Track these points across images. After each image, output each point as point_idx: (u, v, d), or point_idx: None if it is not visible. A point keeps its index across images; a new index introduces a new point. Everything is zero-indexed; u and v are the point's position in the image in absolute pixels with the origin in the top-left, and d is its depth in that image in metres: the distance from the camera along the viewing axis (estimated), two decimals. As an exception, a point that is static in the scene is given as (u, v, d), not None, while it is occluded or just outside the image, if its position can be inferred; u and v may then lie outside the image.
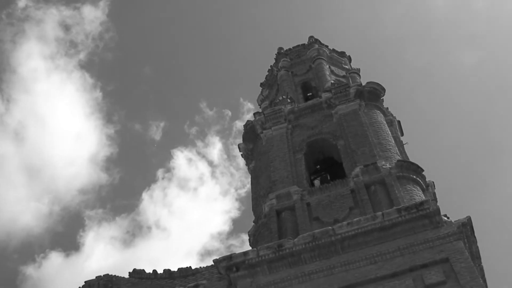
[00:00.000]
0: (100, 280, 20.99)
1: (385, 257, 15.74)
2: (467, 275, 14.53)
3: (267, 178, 21.55)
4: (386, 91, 24.38)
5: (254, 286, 16.36)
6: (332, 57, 30.87)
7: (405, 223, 16.19)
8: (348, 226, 16.51)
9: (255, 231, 19.73)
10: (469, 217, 16.43)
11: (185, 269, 19.63)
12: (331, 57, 30.74)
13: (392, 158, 20.33)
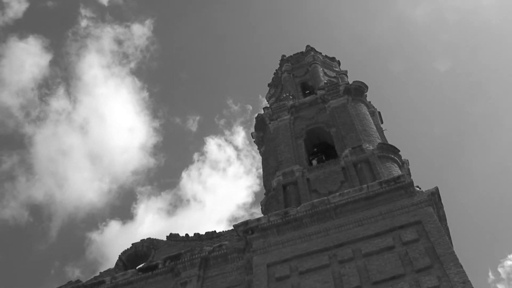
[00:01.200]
0: (144, 243, 21.21)
1: (370, 221, 15.77)
2: (435, 234, 14.56)
3: (275, 159, 21.66)
4: (368, 88, 24.40)
5: (265, 245, 16.41)
6: (325, 61, 30.86)
7: (385, 193, 16.22)
8: (340, 196, 16.59)
9: (266, 201, 19.75)
10: (436, 187, 16.44)
11: (211, 233, 19.79)
12: (324, 62, 30.72)
13: (374, 141, 20.35)
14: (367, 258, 14.68)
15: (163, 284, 18.10)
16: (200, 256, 17.85)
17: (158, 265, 18.59)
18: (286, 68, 30.78)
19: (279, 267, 15.47)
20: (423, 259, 13.95)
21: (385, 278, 13.83)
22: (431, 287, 13.06)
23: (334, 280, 14.37)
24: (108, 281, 19.00)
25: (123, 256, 21.04)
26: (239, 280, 16.79)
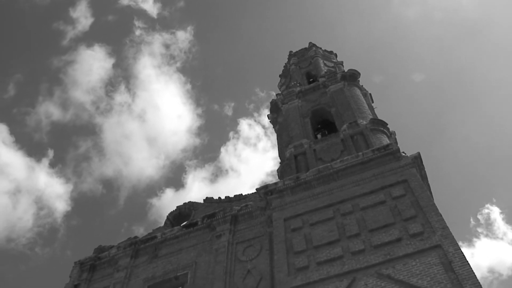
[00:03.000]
0: (186, 205, 21.38)
1: (365, 181, 15.71)
2: (419, 190, 14.47)
3: (287, 135, 21.57)
4: (360, 74, 24.10)
5: (282, 203, 16.45)
6: (324, 54, 30.42)
7: (377, 159, 16.11)
8: (341, 162, 16.51)
9: (281, 169, 19.72)
10: (418, 152, 16.28)
11: (239, 195, 19.85)
12: (324, 55, 30.29)
13: (367, 117, 20.13)
14: (364, 211, 14.66)
15: (202, 237, 18.27)
16: (231, 214, 17.95)
17: (197, 222, 18.75)
18: (293, 61, 30.43)
19: (294, 220, 15.52)
20: (409, 210, 13.89)
21: (379, 226, 13.82)
22: (417, 232, 13.00)
23: (338, 229, 14.39)
24: (159, 236, 19.22)
25: (170, 216, 21.25)
26: (262, 232, 16.88)
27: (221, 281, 15.38)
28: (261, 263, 15.58)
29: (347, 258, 13.21)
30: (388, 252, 12.82)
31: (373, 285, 12.16)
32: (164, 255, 18.49)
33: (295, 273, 13.51)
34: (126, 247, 19.42)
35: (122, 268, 18.70)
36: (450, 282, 11.31)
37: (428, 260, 12.15)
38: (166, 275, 17.34)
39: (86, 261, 20.06)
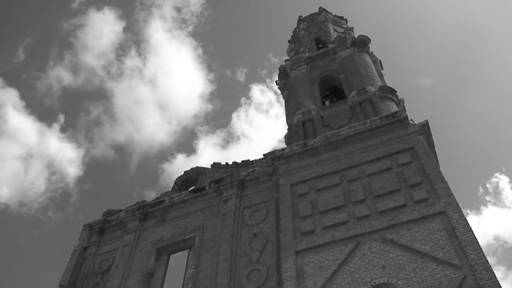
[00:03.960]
0: (193, 170, 21.77)
1: (372, 148, 15.90)
2: (425, 157, 14.68)
3: (295, 101, 21.69)
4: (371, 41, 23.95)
5: (289, 169, 16.74)
6: (334, 20, 30.14)
7: (385, 126, 16.26)
8: (348, 129, 16.69)
9: (289, 135, 19.90)
10: (426, 120, 16.37)
11: (246, 161, 20.18)
12: (334, 20, 30.02)
13: (376, 84, 20.17)
14: (370, 177, 14.93)
15: (209, 201, 18.73)
16: (238, 179, 18.32)
17: (205, 187, 19.16)
18: (302, 26, 30.18)
19: (300, 186, 15.86)
20: (415, 177, 14.14)
21: (384, 192, 14.12)
22: (422, 198, 13.30)
23: (344, 195, 14.73)
24: (167, 200, 19.73)
25: (178, 181, 21.70)
26: (268, 197, 17.28)
27: (227, 244, 15.92)
28: (267, 227, 16.07)
29: (352, 223, 13.61)
30: (393, 218, 13.17)
31: (376, 249, 12.57)
32: (172, 218, 19.04)
33: (300, 237, 13.96)
34: (134, 211, 20.00)
35: (131, 231, 19.31)
36: (452, 248, 11.65)
37: (432, 226, 12.48)
38: (174, 238, 17.93)
39: (95, 224, 20.70)
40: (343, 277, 12.26)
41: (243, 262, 15.28)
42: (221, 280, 14.78)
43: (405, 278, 11.51)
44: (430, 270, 11.42)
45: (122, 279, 17.20)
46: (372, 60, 23.01)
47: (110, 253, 19.15)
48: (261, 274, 14.49)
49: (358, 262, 12.47)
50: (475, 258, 11.16)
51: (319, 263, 12.94)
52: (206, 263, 16.00)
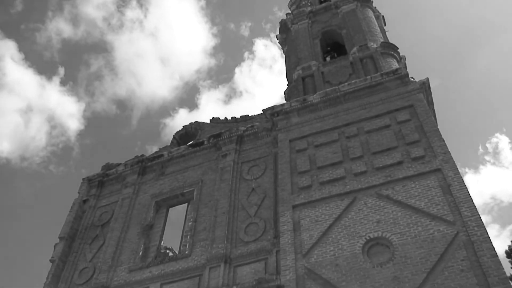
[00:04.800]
0: (192, 125, 21.92)
1: (371, 105, 16.00)
2: (424, 115, 14.82)
3: (295, 56, 21.55)
4: (374, -5, 23.55)
5: (288, 125, 16.89)
6: (338, -28, 29.47)
7: (385, 83, 16.26)
8: (348, 85, 16.72)
9: (289, 91, 19.89)
10: (427, 78, 16.43)
11: (245, 116, 20.28)
12: (337, -27, 29.35)
13: (378, 40, 20.01)
14: (368, 134, 15.14)
15: (208, 156, 18.99)
16: (237, 134, 18.49)
17: (204, 141, 19.36)
18: (305, -21, 29.56)
19: (299, 141, 16.08)
20: (413, 134, 14.35)
21: (382, 149, 14.37)
22: (418, 156, 13.56)
23: (342, 151, 14.99)
24: (166, 154, 19.99)
25: (177, 136, 21.88)
26: (267, 152, 17.54)
27: (226, 198, 16.33)
28: (265, 182, 16.43)
29: (349, 179, 13.94)
30: (389, 174, 13.48)
31: (372, 205, 12.96)
32: (170, 173, 19.37)
33: (298, 192, 14.33)
34: (133, 165, 20.30)
35: (130, 185, 19.69)
36: (447, 204, 12.01)
37: (427, 183, 12.80)
38: (173, 192, 18.32)
39: (94, 177, 21.05)
40: (338, 231, 12.70)
41: (241, 215, 15.73)
42: (219, 233, 15.27)
43: (398, 232, 11.93)
44: (423, 225, 11.82)
45: (122, 231, 17.70)
46: (375, 16, 22.71)
47: (110, 206, 19.60)
48: (258, 227, 14.95)
49: (353, 217, 12.88)
50: (469, 215, 11.51)
51: (315, 217, 13.35)
52: (205, 216, 16.45)
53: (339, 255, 12.09)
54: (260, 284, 12.75)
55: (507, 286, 9.89)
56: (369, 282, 11.20)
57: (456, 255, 10.89)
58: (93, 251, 17.87)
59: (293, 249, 12.74)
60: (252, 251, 14.24)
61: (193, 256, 15.22)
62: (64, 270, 17.53)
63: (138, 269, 15.86)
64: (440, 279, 10.58)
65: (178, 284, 14.67)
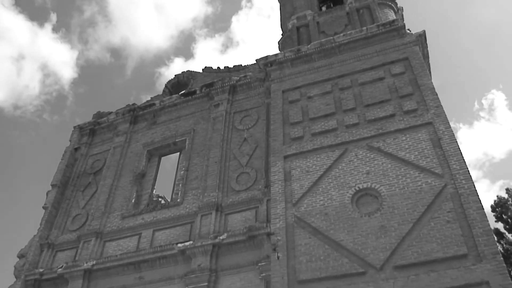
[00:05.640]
0: (184, 74, 21.70)
1: (366, 57, 15.87)
2: (419, 68, 14.74)
3: (290, 5, 20.90)
4: None
5: (281, 75, 16.79)
6: None
7: (381, 34, 16.07)
8: (344, 36, 16.52)
9: (283, 41, 19.58)
10: (424, 30, 16.22)
11: (238, 66, 20.03)
12: None
13: (376, -9, 19.60)
14: (362, 86, 15.12)
15: (200, 105, 18.94)
16: (229, 84, 18.38)
17: (196, 91, 19.26)
18: None
19: (292, 92, 16.06)
20: (407, 88, 14.35)
21: (375, 102, 14.41)
22: (411, 109, 13.63)
23: (334, 103, 15.01)
24: (158, 103, 19.90)
25: (168, 85, 21.70)
26: (260, 103, 17.52)
27: (218, 148, 16.44)
28: (257, 132, 16.51)
29: (341, 131, 14.05)
30: (381, 127, 13.59)
31: (362, 156, 13.14)
32: (162, 122, 19.36)
33: (289, 143, 14.46)
34: (124, 113, 20.23)
35: (121, 133, 19.70)
36: (436, 157, 12.20)
37: (418, 136, 12.95)
38: (165, 141, 18.40)
39: (86, 126, 21.02)
40: (328, 181, 12.94)
41: (233, 165, 15.91)
42: (210, 182, 15.49)
43: (387, 184, 12.18)
44: (412, 177, 12.06)
45: (114, 179, 17.89)
46: (373, -36, 22.08)
47: (102, 154, 19.70)
48: (249, 177, 15.17)
49: (344, 168, 13.08)
50: (457, 168, 11.73)
51: (306, 167, 13.55)
52: (197, 166, 16.62)
53: (329, 205, 12.38)
54: (251, 231, 13.09)
55: (490, 238, 10.23)
56: (357, 230, 11.54)
57: (442, 206, 11.18)
58: (86, 198, 18.13)
59: (284, 198, 13.01)
60: (243, 199, 14.52)
61: (185, 204, 15.50)
62: (57, 217, 17.83)
63: (131, 216, 16.17)
64: (426, 229, 10.91)
65: (170, 230, 15.01)
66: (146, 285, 13.91)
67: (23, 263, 16.25)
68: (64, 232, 17.25)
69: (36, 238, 16.93)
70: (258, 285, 12.29)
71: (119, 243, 15.60)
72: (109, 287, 14.42)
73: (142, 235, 15.33)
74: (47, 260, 16.36)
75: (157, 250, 14.22)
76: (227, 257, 13.33)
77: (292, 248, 11.89)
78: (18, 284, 15.58)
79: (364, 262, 10.91)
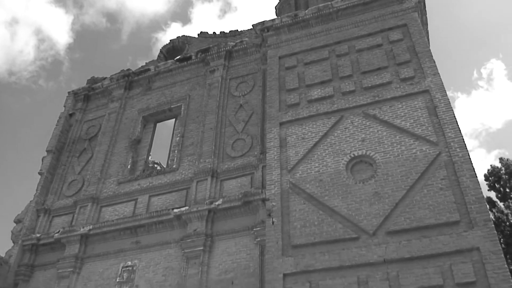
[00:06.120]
0: (179, 39, 21.43)
1: (364, 23, 15.66)
2: (417, 35, 14.50)
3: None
4: None
5: (278, 41, 16.51)
6: None
7: (379, 0, 15.80)
8: (342, 1, 16.08)
9: (280, 5, 19.20)
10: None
11: (234, 31, 19.73)
12: None
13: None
14: (359, 53, 15.00)
15: (196, 71, 18.79)
16: (225, 50, 18.17)
17: (191, 56, 19.07)
18: None
19: (288, 58, 15.90)
20: (404, 55, 14.25)
21: (372, 69, 14.32)
22: (408, 77, 13.58)
23: (331, 70, 14.92)
24: (152, 68, 19.73)
25: (164, 50, 21.44)
26: (256, 69, 17.40)
27: (213, 114, 16.42)
28: (253, 98, 16.47)
29: (337, 98, 14.03)
30: (377, 94, 13.57)
31: (358, 124, 13.17)
32: (158, 87, 19.25)
33: (285, 109, 14.45)
34: (119, 79, 20.07)
35: (116, 99, 19.60)
36: (431, 125, 12.24)
37: (414, 103, 12.95)
38: (160, 107, 18.34)
39: (80, 91, 20.88)
40: (324, 148, 13.01)
41: (228, 131, 15.93)
42: (206, 148, 15.54)
43: (382, 151, 12.26)
44: (407, 145, 12.14)
45: (109, 145, 17.92)
46: None
47: (97, 120, 19.65)
48: (245, 143, 15.23)
49: (339, 135, 13.14)
50: (452, 136, 11.81)
51: (302, 134, 13.59)
52: (192, 132, 16.64)
53: (323, 172, 12.49)
54: (246, 197, 13.24)
55: (482, 205, 10.40)
56: (351, 197, 11.69)
57: (436, 174, 11.30)
58: (82, 164, 18.19)
59: (279, 164, 13.11)
60: (238, 166, 14.61)
61: (181, 170, 15.60)
62: (53, 183, 17.94)
63: (127, 181, 16.28)
64: (419, 196, 11.06)
65: (166, 196, 15.16)
66: (143, 249, 14.14)
67: (20, 228, 16.44)
68: (60, 197, 17.39)
69: (33, 203, 17.08)
70: (252, 250, 12.53)
71: (115, 209, 15.78)
72: (106, 251, 14.65)
73: (138, 200, 15.48)
74: (44, 225, 16.56)
75: (153, 215, 14.39)
76: (223, 222, 13.53)
77: (286, 213, 12.06)
78: (16, 248, 15.81)
79: (358, 227, 11.10)
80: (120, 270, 14.03)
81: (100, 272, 14.35)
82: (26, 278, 15.35)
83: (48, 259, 15.53)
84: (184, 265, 13.00)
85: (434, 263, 9.98)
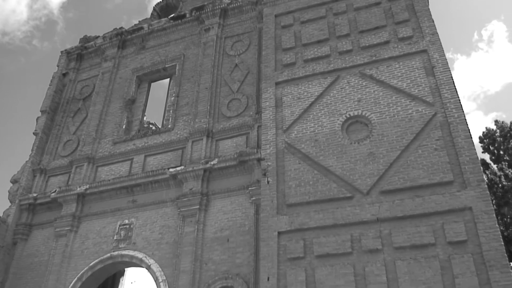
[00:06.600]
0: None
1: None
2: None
3: None
4: None
5: (274, -2, 16.29)
6: None
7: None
8: (340, -42, 15.83)
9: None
10: (424, -48, 15.64)
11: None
12: None
13: None
14: (357, 11, 14.74)
15: (190, 30, 18.47)
16: (220, 8, 17.78)
17: (185, 14, 18.70)
18: None
19: (285, 17, 15.62)
20: (403, 13, 14.01)
21: (369, 28, 14.10)
22: (406, 36, 13.40)
23: (328, 29, 14.65)
24: (146, 27, 19.38)
25: (157, 8, 21.02)
26: (252, 28, 17.11)
27: (208, 73, 16.26)
28: (249, 58, 16.27)
29: (334, 57, 13.88)
30: (374, 54, 13.43)
31: (355, 84, 13.10)
32: (151, 46, 18.96)
33: (281, 69, 14.31)
34: (112, 38, 19.74)
35: (109, 58, 19.34)
36: (428, 86, 12.19)
37: (412, 63, 12.84)
38: (154, 66, 18.12)
39: (73, 50, 20.58)
40: (319, 108, 12.98)
41: (224, 91, 15.83)
42: (201, 108, 15.48)
43: (378, 111, 12.25)
44: (403, 105, 12.12)
45: (104, 105, 17.82)
46: None
47: (90, 80, 19.46)
48: (241, 103, 15.16)
49: (335, 95, 13.08)
50: (448, 97, 11.78)
51: (297, 94, 13.52)
52: (187, 91, 16.52)
53: (319, 132, 12.51)
54: (241, 156, 13.31)
55: (476, 165, 10.49)
56: (346, 157, 11.76)
57: (431, 134, 11.34)
58: (76, 124, 18.15)
59: (274, 124, 13.11)
60: (234, 126, 14.61)
61: (176, 130, 15.59)
62: (48, 143, 17.94)
63: (122, 141, 16.29)
64: (413, 156, 11.14)
65: (161, 156, 15.21)
66: (140, 208, 14.31)
67: (16, 188, 16.54)
68: (56, 157, 17.43)
69: (28, 163, 17.12)
70: (248, 208, 12.70)
71: (111, 168, 15.85)
72: (102, 210, 14.82)
73: (134, 160, 15.54)
74: (40, 185, 16.67)
75: (149, 174, 14.48)
76: (218, 182, 13.65)
77: (282, 173, 12.16)
78: (13, 208, 15.96)
79: (352, 187, 11.23)
80: (117, 228, 14.25)
81: (97, 230, 14.57)
82: (24, 237, 15.58)
83: (45, 218, 15.73)
84: (180, 223, 13.21)
85: (426, 222, 10.17)
